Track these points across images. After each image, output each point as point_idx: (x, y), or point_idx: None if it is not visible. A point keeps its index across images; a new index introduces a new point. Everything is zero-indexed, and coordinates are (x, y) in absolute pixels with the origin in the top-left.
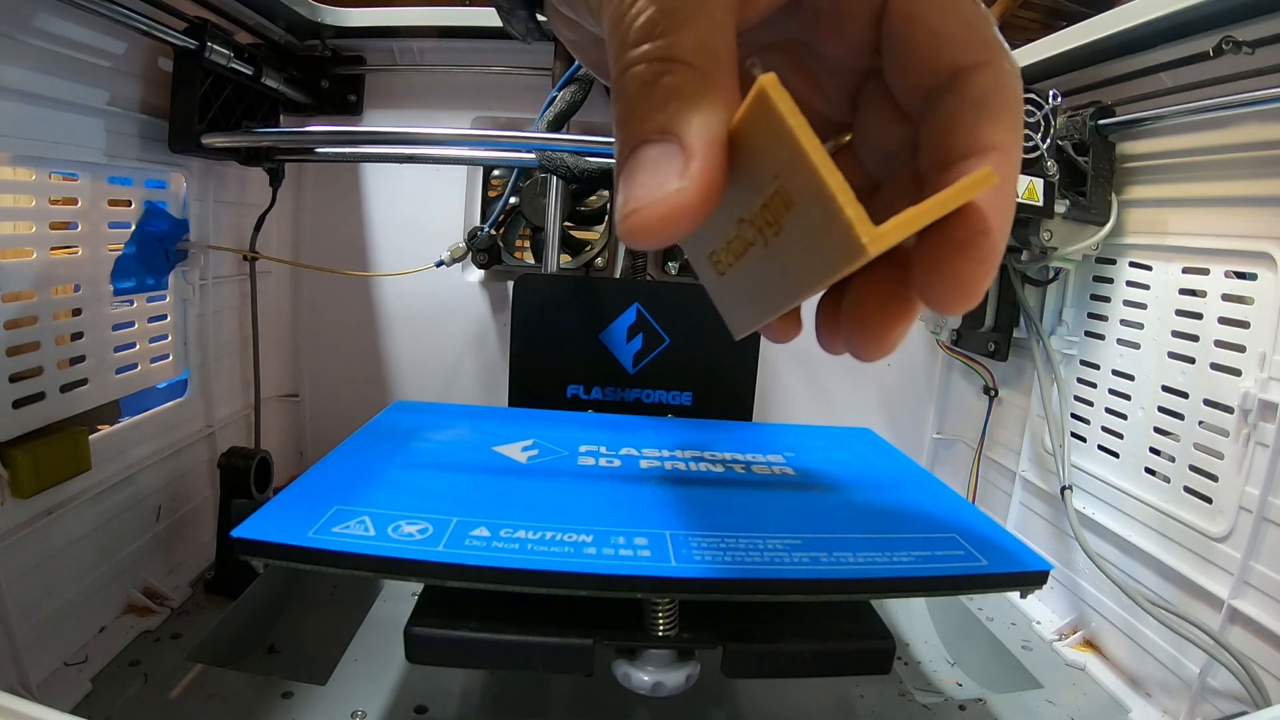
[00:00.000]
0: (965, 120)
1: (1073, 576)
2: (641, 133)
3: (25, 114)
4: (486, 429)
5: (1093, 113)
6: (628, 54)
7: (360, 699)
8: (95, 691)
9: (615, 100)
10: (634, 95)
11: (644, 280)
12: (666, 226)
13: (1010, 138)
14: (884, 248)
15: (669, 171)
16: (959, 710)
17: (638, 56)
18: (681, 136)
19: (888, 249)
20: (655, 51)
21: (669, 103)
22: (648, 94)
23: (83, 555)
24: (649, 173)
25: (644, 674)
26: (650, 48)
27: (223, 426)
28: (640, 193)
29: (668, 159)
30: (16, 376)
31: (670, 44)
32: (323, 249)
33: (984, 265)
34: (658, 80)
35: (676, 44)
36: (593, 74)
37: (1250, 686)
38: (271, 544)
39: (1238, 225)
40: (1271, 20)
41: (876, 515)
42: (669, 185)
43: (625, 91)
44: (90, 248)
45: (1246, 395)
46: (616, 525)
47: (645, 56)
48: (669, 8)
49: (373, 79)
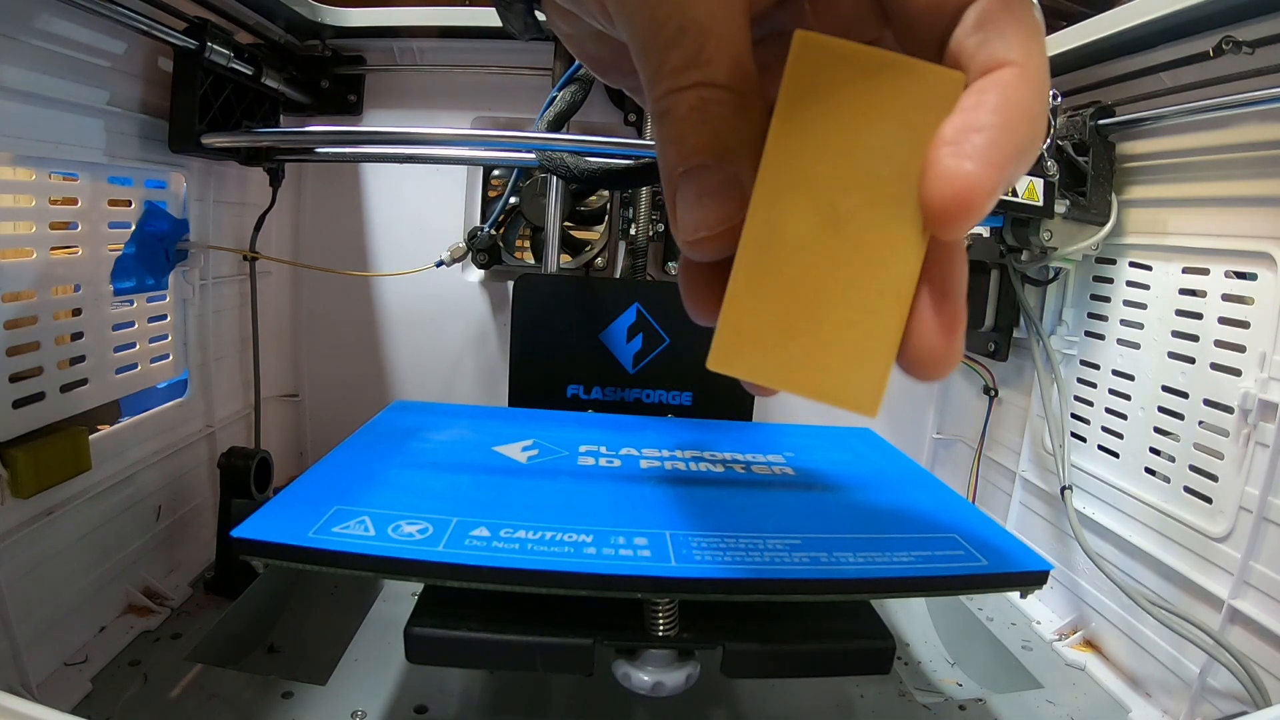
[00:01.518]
0: (971, 39)
1: (1073, 576)
2: (699, 158)
3: (25, 114)
4: (486, 429)
5: (1093, 113)
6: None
7: (360, 699)
8: (95, 691)
9: (662, 119)
10: (686, 119)
11: (644, 280)
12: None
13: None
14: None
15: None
16: (959, 710)
17: (687, 83)
18: (737, 167)
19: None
20: (698, 77)
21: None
22: (700, 120)
23: (83, 555)
24: (716, 202)
25: (644, 674)
26: (697, 74)
27: (223, 426)
28: (713, 219)
29: (725, 194)
30: (16, 376)
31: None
32: (323, 249)
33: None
34: (709, 109)
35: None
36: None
37: (1250, 686)
38: (271, 544)
39: (1238, 225)
40: (1271, 20)
41: (876, 515)
42: (738, 214)
43: (674, 114)
44: (90, 248)
45: (1246, 395)
46: (616, 525)
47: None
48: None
49: (373, 79)
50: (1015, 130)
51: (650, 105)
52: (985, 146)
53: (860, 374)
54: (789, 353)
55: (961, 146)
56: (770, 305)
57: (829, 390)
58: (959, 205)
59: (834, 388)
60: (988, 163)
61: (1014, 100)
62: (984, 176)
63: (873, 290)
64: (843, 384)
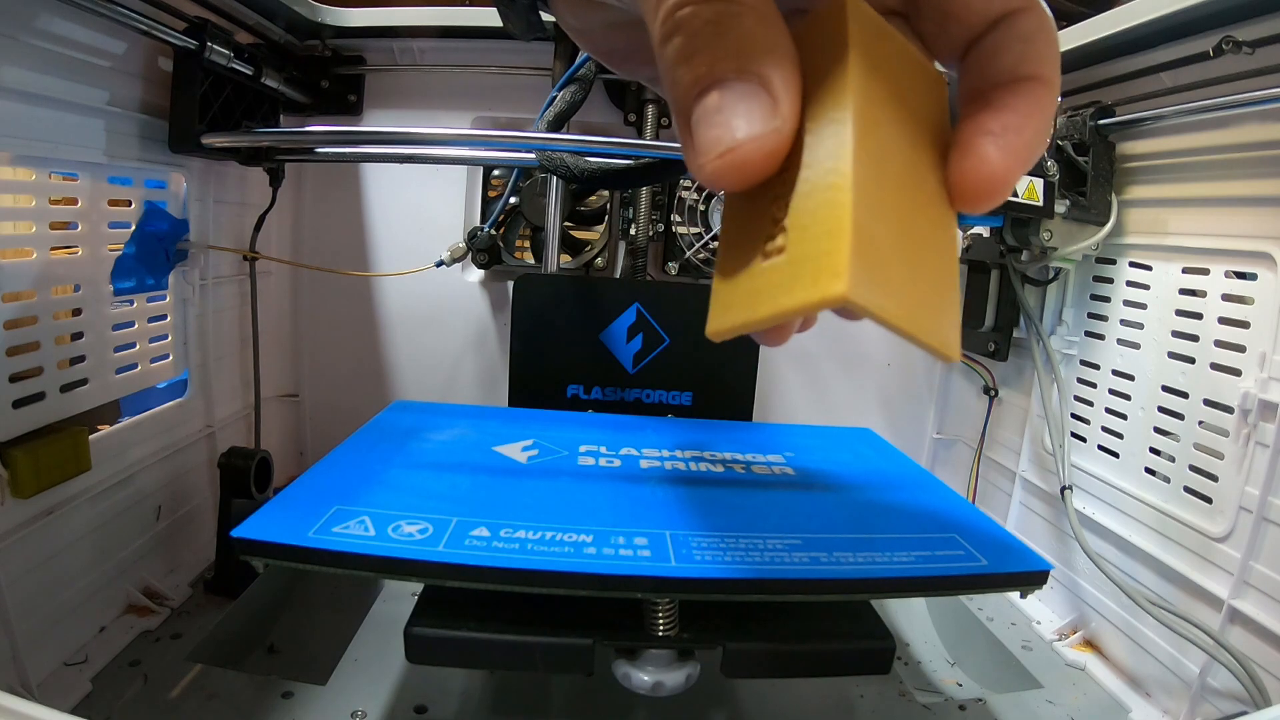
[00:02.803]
0: (1012, 50)
1: (1073, 576)
2: (717, 72)
3: (25, 114)
4: (486, 429)
5: (1093, 113)
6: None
7: (360, 699)
8: (95, 691)
9: (668, 37)
10: (699, 33)
11: (644, 280)
12: (765, 165)
13: (1051, 71)
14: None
15: (761, 112)
16: (959, 710)
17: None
18: (765, 76)
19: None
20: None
21: (744, 44)
22: (719, 34)
23: (83, 555)
24: (740, 113)
25: (644, 674)
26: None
27: (223, 426)
28: (735, 133)
29: (756, 100)
30: (16, 376)
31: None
32: (323, 249)
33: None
34: (725, 21)
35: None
36: (603, 62)
37: (1250, 686)
38: (271, 544)
39: (1238, 225)
40: (1271, 20)
41: (876, 515)
42: (768, 124)
43: (687, 28)
44: (90, 248)
45: (1246, 395)
46: (616, 525)
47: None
48: None
49: (373, 79)
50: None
51: (656, 34)
52: (1020, 147)
53: (946, 319)
54: (900, 288)
55: (1000, 139)
56: (884, 240)
57: (930, 332)
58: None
59: (932, 330)
60: (1018, 159)
61: (1041, 113)
62: (1013, 167)
63: (943, 238)
64: (936, 326)
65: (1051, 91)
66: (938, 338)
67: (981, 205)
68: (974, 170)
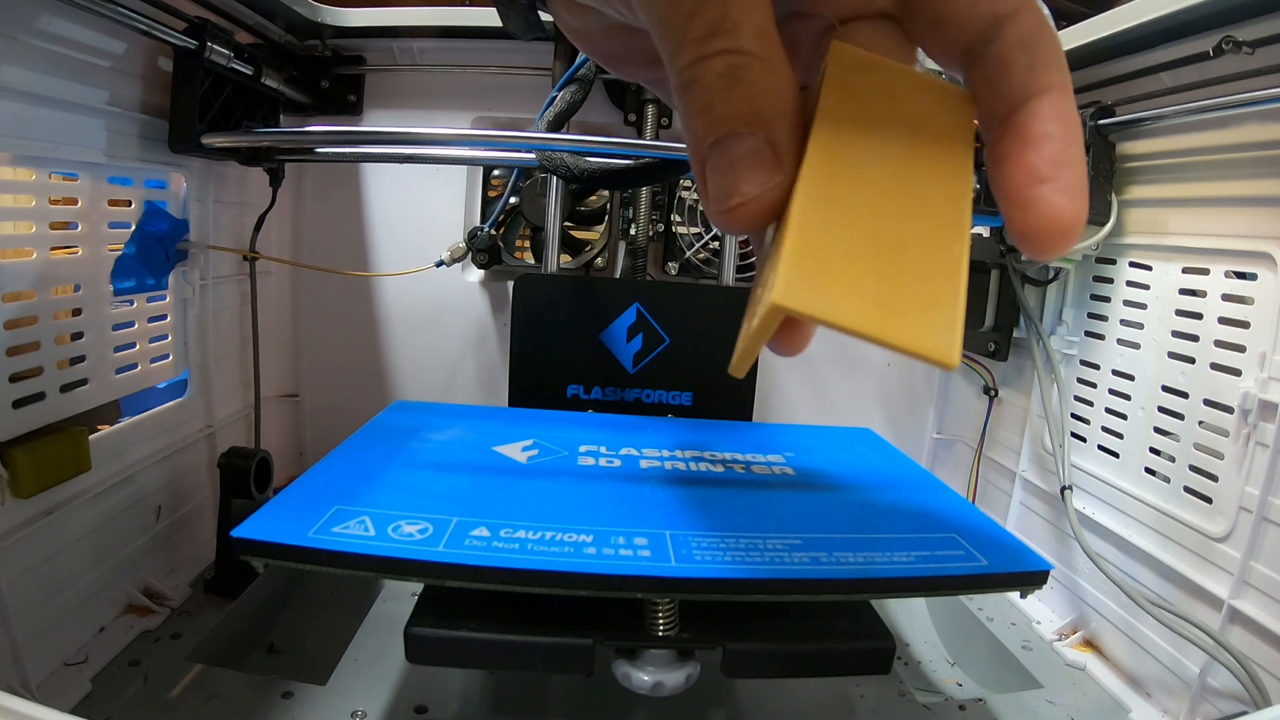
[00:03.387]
0: (1019, 63)
1: (1073, 576)
2: (729, 128)
3: (25, 114)
4: (486, 429)
5: (1093, 113)
6: (701, 49)
7: (360, 699)
8: (95, 691)
9: (686, 88)
10: (712, 86)
11: (644, 280)
12: (765, 217)
13: (1063, 74)
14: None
15: (766, 170)
16: (959, 710)
17: (712, 51)
18: (770, 132)
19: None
20: (724, 44)
21: (752, 98)
22: (731, 86)
23: (83, 555)
24: (750, 167)
25: (644, 674)
26: (722, 42)
27: (223, 426)
28: (746, 187)
29: (759, 154)
30: (16, 376)
31: (737, 39)
32: (323, 249)
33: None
34: (736, 74)
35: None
36: (601, 64)
37: (1250, 686)
38: (271, 544)
39: (1238, 225)
40: (1271, 20)
41: (876, 515)
42: (771, 181)
43: (702, 80)
44: (90, 248)
45: (1246, 395)
46: (616, 525)
47: (717, 50)
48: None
49: (373, 79)
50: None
51: (674, 79)
52: (1077, 182)
53: (938, 320)
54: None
55: (1059, 184)
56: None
57: (908, 337)
58: (1066, 234)
59: (913, 335)
60: (1082, 194)
61: (1075, 127)
62: (1082, 207)
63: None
64: (922, 331)
65: (1071, 96)
66: (921, 342)
67: (1062, 249)
68: (1051, 224)
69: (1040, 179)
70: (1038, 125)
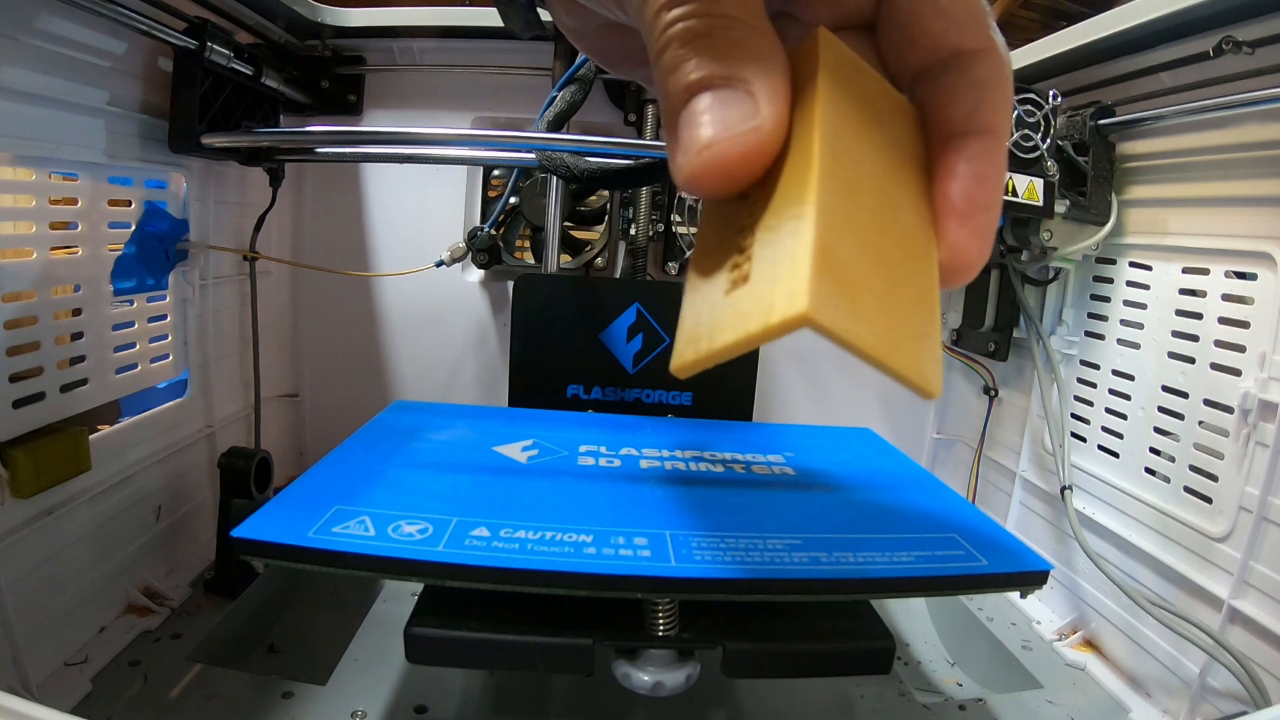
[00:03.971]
0: (967, 99)
1: (1073, 576)
2: (704, 80)
3: (25, 114)
4: (486, 429)
5: (1093, 113)
6: (675, 10)
7: (360, 699)
8: (95, 691)
9: (663, 50)
10: (688, 43)
11: (644, 280)
12: (740, 166)
13: (1005, 122)
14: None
15: (741, 112)
16: (959, 710)
17: (687, 12)
18: (750, 83)
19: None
20: (704, 8)
21: (731, 52)
22: (707, 44)
23: (83, 555)
24: (719, 113)
25: (644, 674)
26: (698, 5)
27: (223, 426)
28: (712, 131)
29: (737, 102)
30: (16, 376)
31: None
32: (323, 249)
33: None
34: (715, 32)
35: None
36: (597, 61)
37: (1250, 686)
38: (271, 544)
39: (1238, 225)
40: (1271, 20)
41: (876, 515)
42: (745, 123)
43: (677, 39)
44: (90, 248)
45: (1246, 395)
46: (616, 525)
47: (695, 12)
48: None
49: (373, 79)
50: (998, 203)
51: (652, 45)
52: (987, 227)
53: (925, 352)
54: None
55: (970, 223)
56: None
57: (907, 365)
58: (965, 272)
59: (911, 363)
60: (988, 239)
61: (999, 174)
62: (985, 251)
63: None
64: (917, 359)
65: (1004, 143)
66: (915, 371)
67: (957, 284)
68: (950, 260)
69: (954, 212)
70: (964, 162)
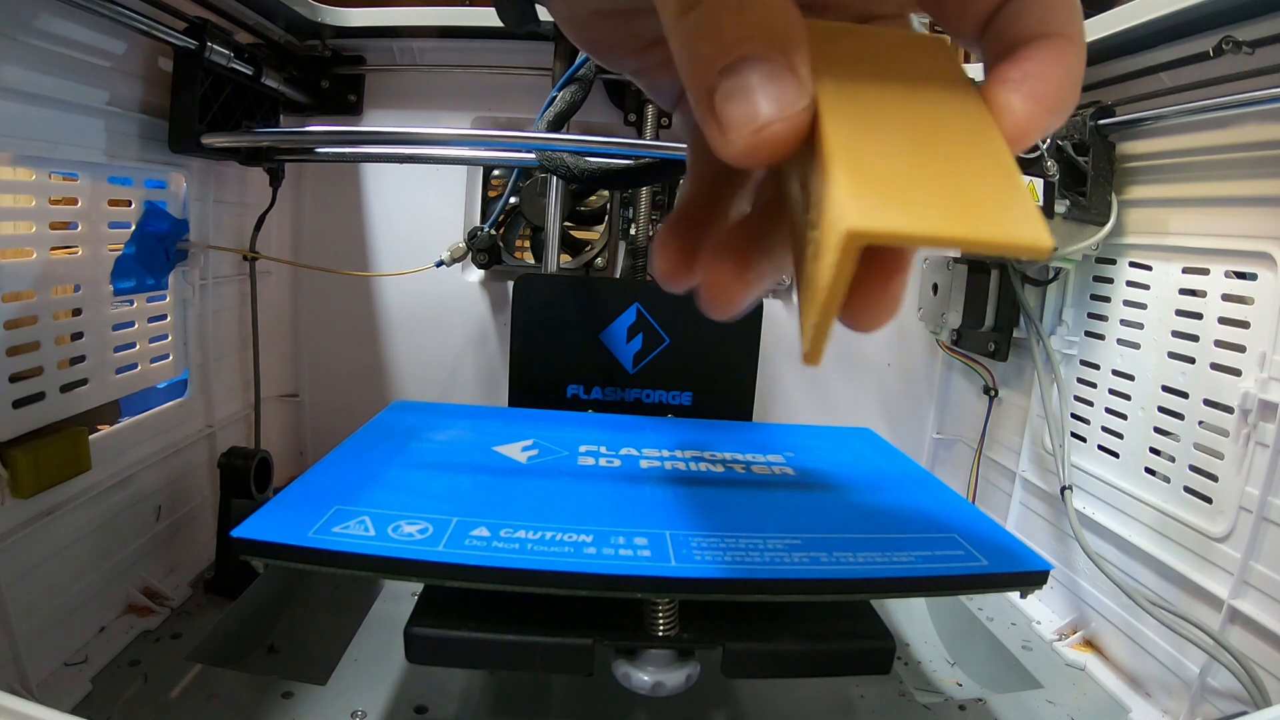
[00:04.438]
0: (1031, 13)
1: (1073, 576)
2: (746, 49)
3: (25, 114)
4: (486, 429)
5: (1093, 113)
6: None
7: (360, 699)
8: (95, 691)
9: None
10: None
11: (644, 280)
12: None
13: (1076, 29)
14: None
15: (791, 89)
16: (959, 710)
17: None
18: (791, 57)
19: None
20: None
21: (771, 24)
22: (742, 10)
23: (83, 555)
24: (772, 90)
25: (644, 674)
26: None
27: (223, 426)
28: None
29: (783, 76)
30: (16, 376)
31: None
32: (323, 249)
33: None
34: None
35: None
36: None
37: (1250, 686)
38: (271, 544)
39: (1238, 225)
40: (1271, 20)
41: (876, 515)
42: (799, 102)
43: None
44: (90, 248)
45: (1246, 395)
46: (616, 525)
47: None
48: None
49: (373, 79)
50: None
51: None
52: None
53: (1020, 213)
54: (936, 202)
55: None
56: (884, 158)
57: (1001, 232)
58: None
59: (1004, 229)
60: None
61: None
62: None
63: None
64: (1009, 224)
65: (1075, 46)
66: (1016, 233)
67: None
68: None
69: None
70: (1026, 51)
